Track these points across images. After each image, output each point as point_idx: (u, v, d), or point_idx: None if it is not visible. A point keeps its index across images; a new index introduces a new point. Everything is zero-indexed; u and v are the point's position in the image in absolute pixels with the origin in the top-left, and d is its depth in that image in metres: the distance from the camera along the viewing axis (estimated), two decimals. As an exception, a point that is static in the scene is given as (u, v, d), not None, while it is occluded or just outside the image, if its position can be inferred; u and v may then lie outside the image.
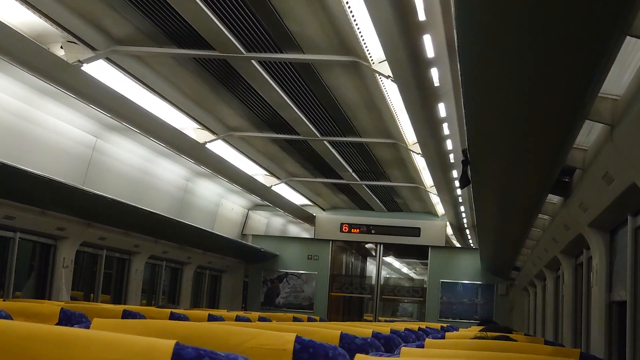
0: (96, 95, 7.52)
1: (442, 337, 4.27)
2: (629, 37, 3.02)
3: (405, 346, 2.86)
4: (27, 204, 8.27)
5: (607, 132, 4.22)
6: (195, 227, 11.96)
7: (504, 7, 2.53)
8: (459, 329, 7.62)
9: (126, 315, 5.00)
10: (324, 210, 17.19)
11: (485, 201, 6.93)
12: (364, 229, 16.75)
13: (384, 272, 20.83)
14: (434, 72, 6.06)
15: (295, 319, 8.43)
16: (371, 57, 6.76)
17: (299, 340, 1.99)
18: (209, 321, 5.34)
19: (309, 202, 16.53)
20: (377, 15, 5.18)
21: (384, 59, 6.44)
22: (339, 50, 6.80)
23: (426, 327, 7.28)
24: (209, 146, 10.24)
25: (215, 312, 7.04)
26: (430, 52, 5.62)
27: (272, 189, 13.69)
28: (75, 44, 6.69)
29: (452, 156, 8.71)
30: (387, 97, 7.96)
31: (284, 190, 14.47)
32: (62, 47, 6.66)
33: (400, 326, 5.83)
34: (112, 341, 1.29)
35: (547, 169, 4.97)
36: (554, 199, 7.17)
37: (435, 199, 14.19)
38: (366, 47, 6.55)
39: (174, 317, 5.41)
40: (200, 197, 13.50)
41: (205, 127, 9.93)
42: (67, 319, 4.04)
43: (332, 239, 16.95)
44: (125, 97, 7.77)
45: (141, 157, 10.69)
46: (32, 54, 6.32)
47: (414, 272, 26.94)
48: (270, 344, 1.95)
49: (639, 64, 3.48)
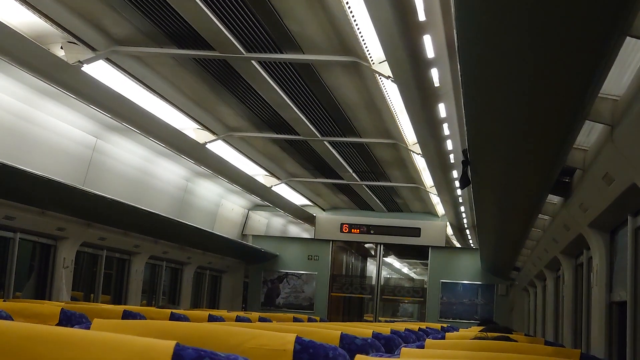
0: (96, 95, 7.53)
1: (443, 338, 4.27)
2: (628, 37, 3.03)
3: (405, 346, 2.86)
4: (27, 204, 8.27)
5: (607, 133, 4.22)
6: (195, 227, 11.96)
7: (504, 7, 2.53)
8: (459, 329, 7.62)
9: (126, 315, 5.00)
10: (324, 210, 17.19)
11: (485, 201, 6.93)
12: (364, 229, 16.75)
13: (384, 273, 20.83)
14: (434, 73, 6.06)
15: (295, 320, 8.42)
16: (371, 57, 6.76)
17: (299, 340, 1.99)
18: (209, 321, 5.34)
19: (309, 203, 16.53)
20: (377, 15, 5.18)
21: (384, 59, 6.44)
22: (339, 50, 6.80)
23: (426, 327, 7.27)
24: (209, 146, 10.25)
25: (215, 312, 7.03)
26: (430, 52, 5.62)
27: (272, 189, 13.68)
28: (75, 44, 6.70)
29: (452, 156, 8.71)
30: (387, 98, 7.96)
31: (284, 190, 14.47)
32: (62, 48, 6.66)
33: (400, 326, 5.83)
34: (112, 342, 1.29)
35: (547, 169, 4.97)
36: (554, 199, 7.18)
37: (435, 199, 14.19)
38: (366, 47, 6.55)
39: (174, 318, 5.41)
40: (200, 197, 13.50)
41: (205, 127, 9.93)
42: (67, 320, 4.04)
43: (332, 239, 16.95)
44: (125, 97, 7.77)
45: (141, 158, 10.69)
46: (32, 54, 6.32)
47: (414, 273, 26.92)
48: (270, 345, 1.95)
49: (639, 65, 3.48)
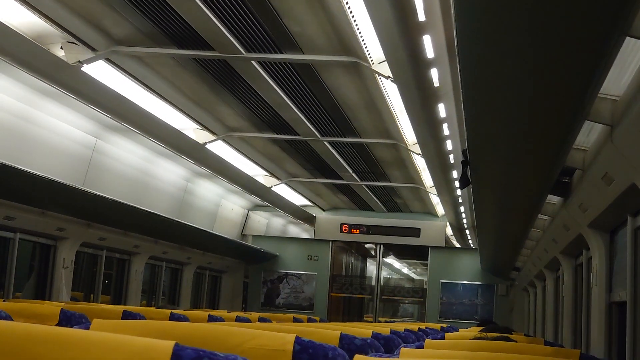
0: (96, 95, 7.53)
1: (442, 338, 4.26)
2: (628, 37, 3.02)
3: (404, 347, 2.86)
4: (27, 204, 8.27)
5: (607, 133, 4.22)
6: (195, 227, 11.97)
7: (504, 7, 2.53)
8: (459, 330, 7.62)
9: (126, 315, 5.00)
10: (324, 210, 17.19)
11: (485, 202, 6.93)
12: (364, 229, 16.76)
13: (384, 273, 20.83)
14: (434, 73, 6.06)
15: (295, 320, 8.42)
16: (371, 57, 6.76)
17: (298, 340, 1.99)
18: (208, 322, 5.34)
19: (309, 203, 16.53)
20: (377, 15, 5.18)
21: (384, 59, 6.44)
22: (338, 50, 6.80)
23: (426, 327, 7.27)
24: (209, 147, 10.24)
25: (215, 312, 7.03)
26: (430, 52, 5.62)
27: (272, 189, 13.68)
28: (75, 44, 6.69)
29: (452, 157, 8.71)
30: (387, 98, 7.96)
31: (284, 190, 14.46)
32: (62, 48, 6.66)
33: (400, 327, 5.83)
34: (111, 342, 1.29)
35: (546, 170, 4.97)
36: (553, 199, 7.18)
37: (435, 200, 14.19)
38: (366, 47, 6.55)
39: (174, 318, 5.41)
40: (200, 197, 13.50)
41: (205, 127, 9.93)
42: (67, 320, 4.04)
43: (332, 240, 16.95)
44: (125, 97, 7.77)
45: (141, 158, 10.69)
46: (32, 54, 6.32)
47: (414, 273, 26.92)
48: (269, 345, 1.95)
49: (639, 65, 3.48)
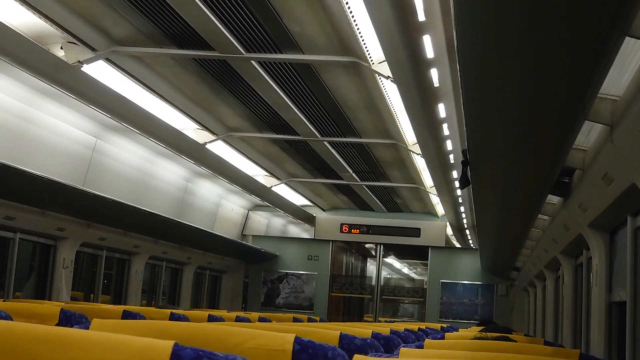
0: (96, 95, 7.53)
1: (442, 338, 4.26)
2: (628, 37, 3.03)
3: (404, 347, 2.86)
4: (27, 204, 8.27)
5: (607, 133, 4.22)
6: (195, 227, 11.97)
7: (503, 7, 2.53)
8: (459, 330, 7.62)
9: (126, 315, 5.00)
10: (324, 210, 17.20)
11: (485, 202, 6.93)
12: (364, 229, 16.76)
13: (384, 273, 20.84)
14: (434, 73, 6.06)
15: (295, 320, 8.42)
16: (371, 57, 6.76)
17: (298, 340, 1.99)
18: (208, 322, 5.34)
19: (309, 203, 16.54)
20: (377, 15, 5.18)
21: (384, 59, 6.44)
22: (338, 50, 6.80)
23: (426, 327, 7.27)
24: (209, 147, 10.25)
25: (215, 312, 7.03)
26: (430, 52, 5.62)
27: (272, 189, 13.68)
28: (75, 44, 6.70)
29: (452, 157, 8.71)
30: (387, 98, 7.96)
31: (284, 190, 14.47)
32: (62, 48, 6.66)
33: (400, 327, 5.83)
34: (111, 342, 1.29)
35: (546, 170, 4.97)
36: (553, 199, 7.18)
37: (435, 200, 14.19)
38: (366, 47, 6.55)
39: (174, 318, 5.41)
40: (200, 197, 13.50)
41: (205, 127, 9.93)
42: (67, 320, 4.04)
43: (332, 240, 16.96)
44: (125, 97, 7.77)
45: (141, 158, 10.69)
46: (32, 54, 6.32)
47: (414, 273, 26.92)
48: (269, 345, 1.95)
49: (638, 65, 3.48)
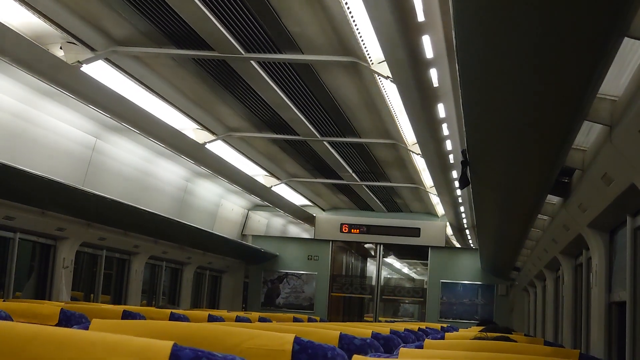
0: (96, 95, 7.53)
1: (442, 338, 4.27)
2: (627, 38, 3.03)
3: (404, 347, 2.86)
4: (27, 204, 8.27)
5: (606, 133, 4.22)
6: (195, 227, 11.97)
7: (502, 8, 2.54)
8: (459, 330, 7.62)
9: (126, 315, 5.00)
10: (324, 210, 17.19)
11: (484, 202, 6.93)
12: (364, 229, 16.76)
13: (384, 273, 20.84)
14: (433, 73, 6.06)
15: (295, 320, 8.43)
16: (370, 57, 6.76)
17: (297, 340, 1.99)
18: (208, 322, 5.34)
19: (309, 203, 16.54)
20: (376, 16, 5.18)
21: (383, 59, 6.44)
22: (338, 50, 6.80)
23: (426, 327, 7.28)
24: (208, 147, 10.25)
25: (215, 312, 7.04)
26: (429, 52, 5.62)
27: (272, 189, 13.68)
28: (74, 44, 6.70)
29: (451, 156, 8.71)
30: (387, 98, 7.96)
31: (284, 190, 14.47)
32: (61, 48, 6.67)
33: (400, 326, 5.83)
34: (110, 342, 1.29)
35: (546, 170, 4.97)
36: (553, 199, 7.18)
37: (435, 200, 14.19)
38: (365, 47, 6.55)
39: (174, 318, 5.41)
40: (200, 197, 13.50)
41: (204, 127, 9.93)
42: (67, 320, 4.04)
43: (332, 240, 16.96)
44: (124, 97, 7.77)
45: (141, 158, 10.69)
46: (32, 54, 6.32)
47: (414, 273, 26.92)
48: (269, 345, 1.95)
49: (637, 65, 3.49)
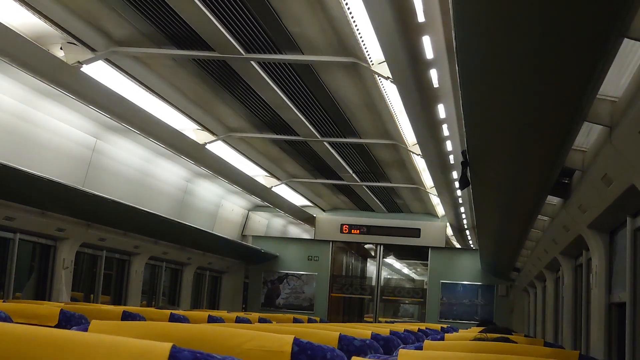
0: (96, 96, 7.53)
1: (442, 339, 4.26)
2: (626, 39, 3.03)
3: (403, 348, 2.86)
4: (27, 205, 8.28)
5: (606, 134, 4.22)
6: (195, 228, 11.97)
7: (502, 9, 2.54)
8: (459, 330, 7.62)
9: (126, 316, 4.99)
10: (324, 211, 17.19)
11: (484, 202, 6.93)
12: (364, 229, 16.75)
13: (384, 273, 20.83)
14: (433, 74, 6.07)
15: (295, 320, 8.43)
16: (370, 58, 6.76)
17: (297, 342, 2.00)
18: (208, 322, 5.34)
19: (309, 203, 16.54)
20: (377, 16, 5.18)
21: (384, 60, 6.44)
22: (338, 51, 6.80)
23: (426, 328, 7.28)
24: (208, 147, 10.25)
25: (215, 313, 7.03)
26: (429, 53, 5.63)
27: (272, 190, 13.69)
28: (74, 45, 6.70)
29: (452, 157, 8.71)
30: (387, 98, 7.96)
31: (284, 191, 14.47)
32: (61, 48, 6.67)
33: (399, 327, 5.83)
34: (109, 344, 1.29)
35: (546, 171, 4.97)
36: (553, 200, 7.18)
37: (435, 200, 14.19)
38: (365, 48, 6.55)
39: (173, 319, 5.40)
40: (200, 198, 13.50)
41: (205, 128, 9.93)
42: (66, 321, 4.03)
43: (332, 240, 16.96)
44: (124, 98, 7.78)
45: (141, 158, 10.69)
46: (32, 55, 6.32)
47: (414, 273, 26.92)
48: (268, 346, 1.96)
49: (637, 66, 3.48)
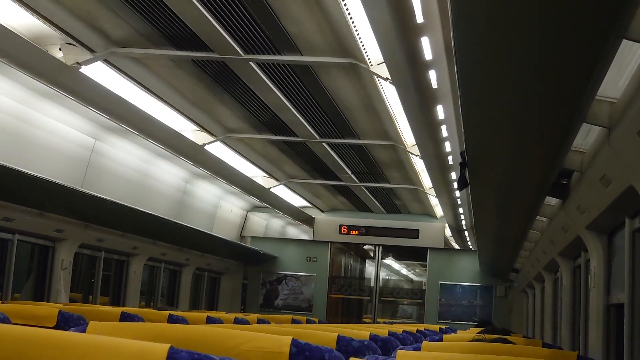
0: (94, 97, 7.53)
1: (440, 340, 4.26)
2: (625, 40, 3.03)
3: (401, 349, 2.86)
4: (25, 205, 8.27)
5: (605, 135, 4.23)
6: (193, 228, 11.96)
7: (501, 10, 2.54)
8: (458, 331, 7.62)
9: (124, 317, 4.99)
10: (322, 212, 17.19)
11: (483, 203, 6.94)
12: (363, 230, 16.75)
13: (383, 274, 20.82)
14: (432, 74, 6.07)
15: (294, 321, 8.42)
16: (369, 59, 6.76)
17: (295, 343, 2.00)
18: (207, 323, 5.34)
19: (307, 204, 16.53)
20: (375, 17, 5.18)
21: (382, 61, 6.44)
22: (337, 52, 6.80)
23: (424, 329, 7.28)
24: (207, 148, 10.24)
25: (213, 314, 7.02)
26: (428, 54, 5.63)
27: (271, 190, 13.68)
28: (73, 45, 6.69)
29: (450, 158, 8.71)
30: (386, 99, 7.96)
31: (282, 192, 14.46)
32: (60, 49, 6.66)
33: (398, 328, 5.83)
34: (107, 345, 1.29)
35: (545, 172, 4.98)
36: (552, 201, 7.18)
37: (434, 201, 14.19)
38: (364, 49, 6.55)
39: (172, 319, 5.39)
40: (198, 198, 13.49)
41: (203, 128, 9.92)
42: (65, 321, 4.03)
43: (331, 241, 16.95)
44: (123, 98, 7.77)
45: (140, 159, 10.69)
46: (31, 56, 6.32)
47: (413, 274, 26.91)
48: (266, 347, 1.96)
49: (636, 67, 3.49)
